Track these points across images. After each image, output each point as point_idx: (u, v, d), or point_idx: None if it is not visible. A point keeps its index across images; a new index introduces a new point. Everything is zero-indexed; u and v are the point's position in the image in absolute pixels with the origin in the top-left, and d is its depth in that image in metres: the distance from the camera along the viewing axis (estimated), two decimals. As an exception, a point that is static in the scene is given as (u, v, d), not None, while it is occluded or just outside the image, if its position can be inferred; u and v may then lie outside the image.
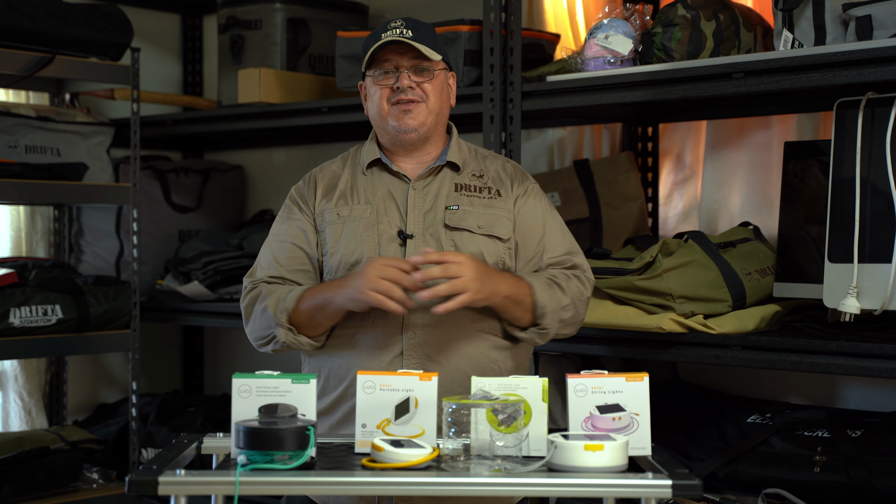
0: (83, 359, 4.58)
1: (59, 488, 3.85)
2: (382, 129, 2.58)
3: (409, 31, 2.52)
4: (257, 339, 2.55)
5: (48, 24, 3.74)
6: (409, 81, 2.51)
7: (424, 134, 2.56)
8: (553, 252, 2.57)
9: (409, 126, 2.53)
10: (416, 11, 4.17)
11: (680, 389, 3.47)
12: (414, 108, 2.52)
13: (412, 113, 2.52)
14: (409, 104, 2.52)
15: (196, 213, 4.53)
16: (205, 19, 4.91)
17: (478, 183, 2.59)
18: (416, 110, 2.53)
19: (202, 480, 2.00)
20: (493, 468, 2.00)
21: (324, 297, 2.45)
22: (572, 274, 2.56)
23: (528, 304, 2.47)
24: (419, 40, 2.52)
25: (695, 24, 3.02)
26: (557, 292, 2.49)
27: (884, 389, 3.24)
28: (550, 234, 2.58)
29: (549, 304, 2.47)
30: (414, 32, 2.53)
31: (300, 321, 2.46)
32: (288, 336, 2.46)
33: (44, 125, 3.97)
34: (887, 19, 2.65)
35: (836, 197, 2.74)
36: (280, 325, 2.46)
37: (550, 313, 2.47)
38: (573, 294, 2.52)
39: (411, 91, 2.52)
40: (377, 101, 2.55)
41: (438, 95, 2.56)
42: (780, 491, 2.87)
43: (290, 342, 2.48)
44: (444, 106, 2.59)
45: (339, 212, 2.55)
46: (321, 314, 2.46)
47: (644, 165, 3.77)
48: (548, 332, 2.50)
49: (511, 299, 2.45)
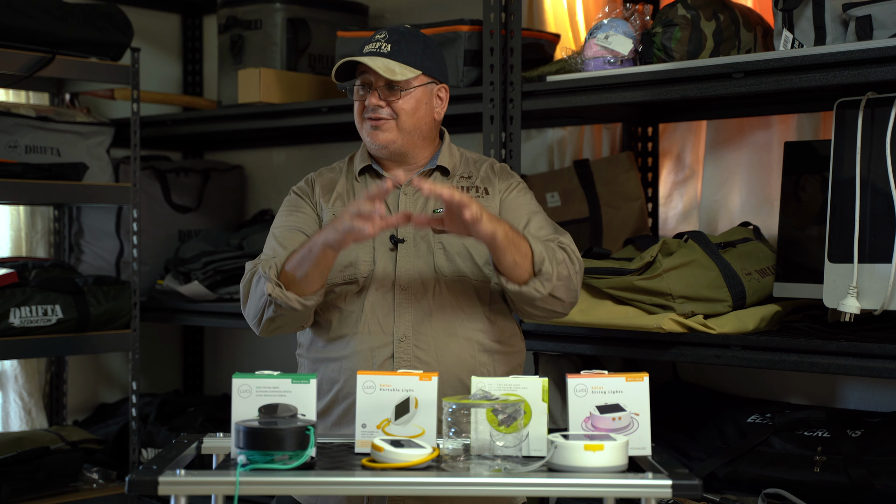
0: (83, 359, 4.58)
1: (59, 488, 3.85)
2: (362, 136, 2.60)
3: (389, 46, 2.52)
4: (253, 314, 2.50)
5: (48, 24, 3.74)
6: (377, 100, 2.51)
7: (397, 150, 2.56)
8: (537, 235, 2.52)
9: (379, 142, 2.54)
10: (416, 11, 4.18)
11: (680, 389, 3.47)
12: (383, 125, 2.53)
13: (382, 129, 2.53)
14: (378, 121, 2.53)
15: (196, 213, 4.53)
16: (205, 19, 4.91)
17: (466, 184, 2.60)
18: (386, 127, 2.53)
19: (202, 480, 2.00)
20: (493, 468, 2.00)
21: (307, 246, 2.42)
22: (558, 247, 2.50)
23: (527, 251, 2.41)
24: (396, 56, 2.51)
25: (695, 24, 3.02)
26: (551, 247, 2.46)
27: (884, 389, 3.24)
28: (535, 221, 2.57)
29: (546, 253, 2.43)
30: (394, 47, 2.52)
31: (289, 278, 2.42)
32: (275, 290, 2.40)
33: (44, 125, 3.97)
34: (887, 19, 2.65)
35: (836, 197, 2.74)
36: (268, 280, 2.42)
37: (549, 260, 2.42)
38: (560, 259, 2.46)
39: (380, 109, 2.52)
40: (355, 114, 2.58)
41: (411, 114, 2.54)
42: (780, 491, 2.87)
43: (277, 296, 2.40)
44: (420, 123, 2.56)
45: (335, 213, 2.56)
46: (306, 262, 2.40)
47: (644, 165, 3.78)
48: (549, 278, 2.41)
49: (510, 239, 2.37)
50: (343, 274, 2.52)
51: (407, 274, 2.50)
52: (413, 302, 2.49)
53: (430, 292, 2.50)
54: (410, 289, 2.50)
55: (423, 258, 2.52)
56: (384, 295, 2.50)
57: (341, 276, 2.52)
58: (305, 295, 2.43)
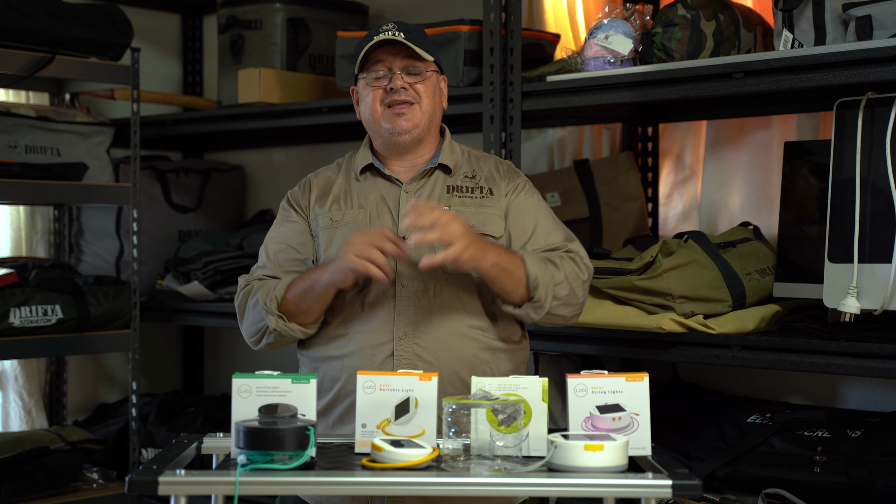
0: (83, 359, 4.58)
1: (59, 488, 3.85)
2: (375, 132, 2.59)
3: (401, 33, 2.53)
4: (251, 334, 2.56)
5: (48, 24, 3.74)
6: (402, 82, 2.52)
7: (418, 136, 2.56)
8: (546, 242, 2.55)
9: (403, 128, 2.53)
10: (416, 11, 4.18)
11: (680, 389, 3.47)
12: (407, 109, 2.53)
13: (406, 115, 2.53)
14: (402, 106, 2.52)
15: (196, 213, 4.53)
16: (205, 19, 4.91)
17: (470, 184, 2.59)
18: (410, 112, 2.53)
19: (202, 480, 2.00)
20: (493, 468, 2.00)
21: (311, 279, 2.46)
22: (567, 255, 2.53)
23: (521, 277, 2.44)
24: (411, 41, 2.53)
25: (695, 24, 3.02)
26: (551, 268, 2.47)
27: (884, 389, 3.24)
28: (542, 226, 2.57)
29: (542, 277, 2.44)
30: (406, 35, 2.53)
31: (290, 309, 2.47)
32: (279, 323, 2.47)
33: (44, 125, 3.97)
34: (887, 19, 2.65)
35: (836, 197, 2.74)
36: (270, 313, 2.47)
37: (543, 286, 2.44)
38: (567, 272, 2.49)
39: (404, 92, 2.52)
40: (370, 104, 2.56)
41: (431, 97, 2.56)
42: (780, 491, 2.87)
43: (281, 329, 2.48)
44: (436, 108, 2.59)
45: (332, 217, 2.56)
46: (309, 296, 2.45)
47: (644, 165, 3.78)
48: (542, 305, 2.46)
49: (501, 268, 2.41)
50: None
51: (408, 271, 2.49)
52: (414, 299, 2.48)
53: (431, 290, 2.49)
54: (411, 286, 2.49)
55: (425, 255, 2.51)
56: (385, 292, 2.49)
57: None
58: (307, 324, 2.49)
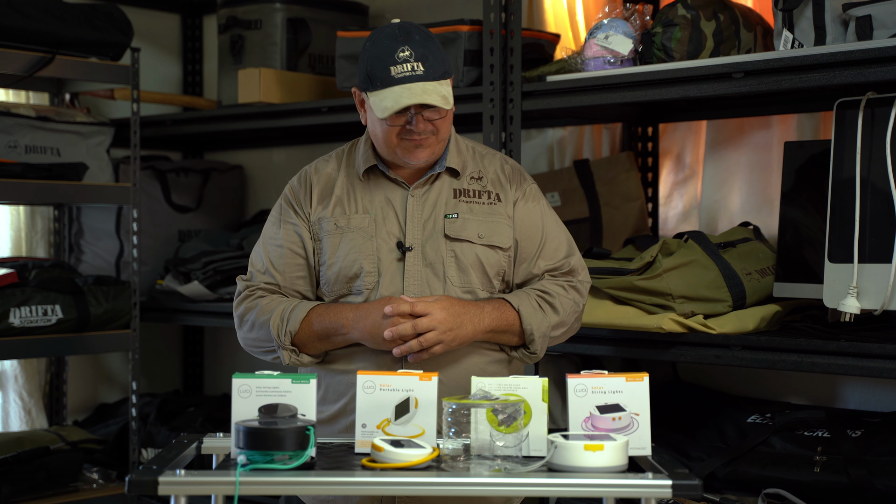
0: (83, 359, 4.58)
1: (59, 488, 3.85)
2: (386, 153, 2.49)
3: (420, 65, 2.36)
4: (252, 346, 2.53)
5: (48, 24, 3.74)
6: (424, 124, 2.41)
7: (433, 161, 2.50)
8: (550, 259, 2.55)
9: (420, 159, 2.45)
10: (416, 11, 4.17)
11: (680, 389, 3.47)
12: (425, 141, 2.43)
13: (423, 146, 2.44)
14: (421, 139, 2.43)
15: (196, 213, 4.53)
16: (205, 19, 4.91)
17: (477, 187, 2.54)
18: (427, 143, 2.44)
19: (202, 480, 2.00)
20: (493, 468, 2.00)
21: (333, 325, 2.43)
22: (567, 284, 2.53)
23: (516, 330, 2.47)
24: (431, 74, 2.36)
25: (695, 24, 3.02)
26: (548, 313, 2.48)
27: (884, 389, 3.24)
28: (549, 239, 2.56)
29: (539, 328, 2.47)
30: (424, 64, 2.36)
31: (303, 341, 2.46)
32: (292, 357, 2.47)
33: (44, 125, 3.97)
34: (887, 19, 2.65)
35: (836, 197, 2.74)
36: (283, 348, 2.45)
37: (540, 338, 2.47)
38: (566, 310, 2.51)
39: (425, 130, 2.43)
40: (384, 133, 2.43)
41: (448, 123, 2.47)
42: (780, 491, 2.87)
43: (293, 363, 2.48)
44: (450, 126, 2.51)
45: (336, 221, 2.50)
46: (330, 342, 2.45)
47: (644, 165, 3.77)
48: (536, 355, 2.50)
49: (495, 331, 2.45)
50: (348, 286, 2.49)
51: (415, 285, 2.45)
52: None
53: None
54: None
55: (432, 267, 2.47)
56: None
57: (346, 287, 2.49)
58: (318, 354, 2.49)
